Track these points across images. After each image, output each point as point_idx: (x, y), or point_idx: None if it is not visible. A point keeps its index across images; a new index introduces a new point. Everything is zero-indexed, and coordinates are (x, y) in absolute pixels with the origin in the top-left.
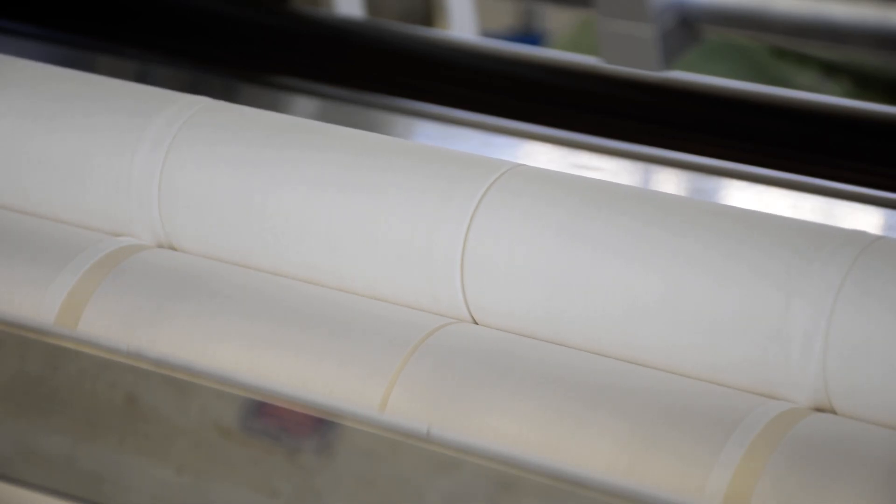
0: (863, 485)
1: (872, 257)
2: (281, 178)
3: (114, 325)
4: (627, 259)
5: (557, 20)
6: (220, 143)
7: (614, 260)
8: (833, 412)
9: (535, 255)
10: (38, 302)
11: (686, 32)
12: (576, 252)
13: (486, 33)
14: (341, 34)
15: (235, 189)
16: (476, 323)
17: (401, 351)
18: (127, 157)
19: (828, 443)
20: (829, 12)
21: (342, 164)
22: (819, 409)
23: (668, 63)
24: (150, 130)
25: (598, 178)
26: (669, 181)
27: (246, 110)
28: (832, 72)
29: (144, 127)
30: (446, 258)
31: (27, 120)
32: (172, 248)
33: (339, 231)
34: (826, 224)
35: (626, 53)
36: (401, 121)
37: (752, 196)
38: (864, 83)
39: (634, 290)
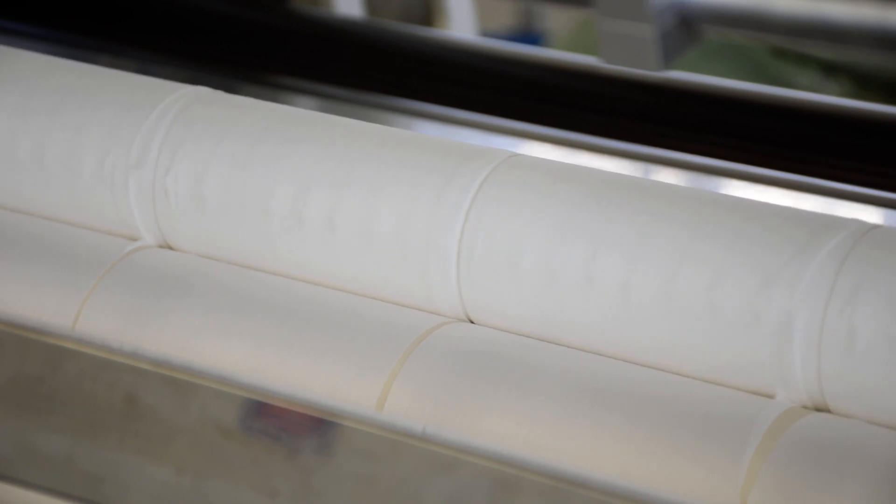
0: (861, 485)
1: (869, 248)
2: (274, 175)
3: (113, 324)
4: (623, 254)
5: (557, 20)
6: (214, 138)
7: (610, 255)
8: (829, 411)
9: (531, 251)
10: (35, 302)
11: (686, 32)
12: (572, 247)
13: (486, 33)
14: (341, 34)
15: (229, 186)
16: (472, 322)
17: (398, 351)
18: (122, 155)
19: (825, 443)
20: (829, 12)
21: (337, 158)
22: (816, 409)
23: (668, 63)
24: (145, 126)
25: (595, 168)
26: (669, 181)
27: (241, 101)
28: (832, 72)
29: (140, 123)
30: (442, 255)
31: (21, 116)
32: (169, 247)
33: (333, 228)
34: (824, 213)
35: (626, 53)
36: (401, 121)
37: (751, 196)
38: (864, 83)
39: (630, 285)
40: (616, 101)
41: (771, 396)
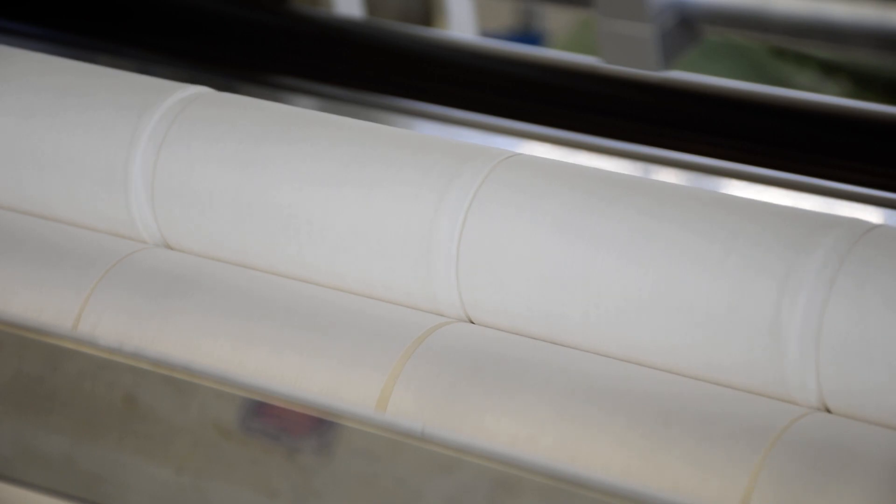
0: (861, 485)
1: (867, 248)
2: (275, 175)
3: (113, 324)
4: (621, 253)
5: (557, 20)
6: (214, 139)
7: (608, 254)
8: (828, 411)
9: (530, 250)
10: (36, 302)
11: (686, 32)
12: (570, 246)
13: (486, 33)
14: (341, 34)
15: (229, 186)
16: (472, 321)
17: (399, 351)
18: (122, 155)
19: (825, 443)
20: (829, 12)
21: (337, 158)
22: (816, 409)
23: (668, 63)
24: (144, 127)
25: (594, 167)
26: (669, 181)
27: (241, 100)
28: (831, 72)
29: (139, 123)
30: (442, 255)
31: (21, 116)
32: (169, 247)
33: (333, 228)
34: (823, 212)
35: (626, 53)
36: (400, 121)
37: (751, 196)
38: (864, 83)
39: (628, 284)
40: (616, 101)
41: (771, 396)
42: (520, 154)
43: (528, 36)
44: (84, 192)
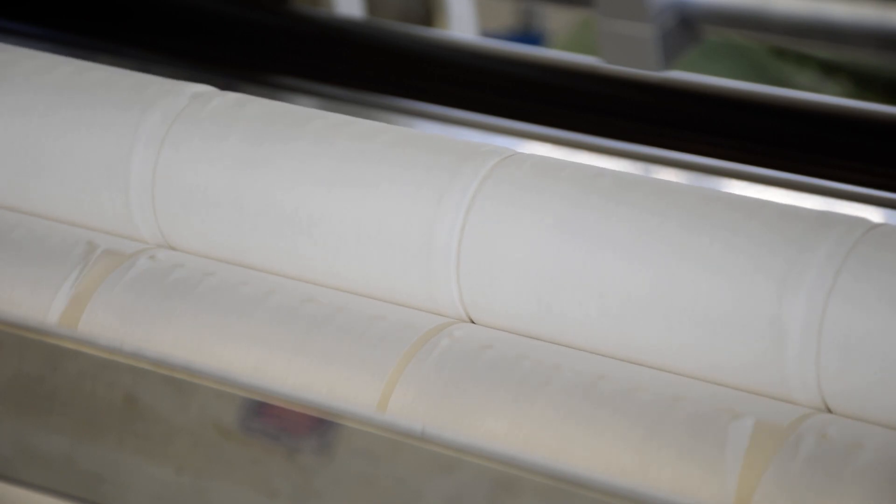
0: (862, 485)
1: (868, 247)
2: (275, 174)
3: (114, 325)
4: (622, 252)
5: (557, 20)
6: (215, 138)
7: (609, 253)
8: (829, 412)
9: (531, 250)
10: (37, 303)
11: (686, 32)
12: (571, 245)
13: (486, 33)
14: (341, 34)
15: (230, 185)
16: (472, 321)
17: (400, 351)
18: (123, 154)
19: (826, 443)
20: (829, 12)
21: (337, 157)
22: (817, 409)
23: (668, 63)
24: (145, 126)
25: (594, 166)
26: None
27: (241, 98)
28: (832, 72)
29: (140, 122)
30: (442, 254)
31: (21, 115)
32: (170, 247)
33: (333, 227)
34: (825, 211)
35: (626, 53)
36: (401, 120)
37: (751, 196)
38: (864, 83)
39: (629, 284)
40: (616, 101)
41: (772, 396)
42: (520, 153)
43: (528, 36)
44: (84, 191)
